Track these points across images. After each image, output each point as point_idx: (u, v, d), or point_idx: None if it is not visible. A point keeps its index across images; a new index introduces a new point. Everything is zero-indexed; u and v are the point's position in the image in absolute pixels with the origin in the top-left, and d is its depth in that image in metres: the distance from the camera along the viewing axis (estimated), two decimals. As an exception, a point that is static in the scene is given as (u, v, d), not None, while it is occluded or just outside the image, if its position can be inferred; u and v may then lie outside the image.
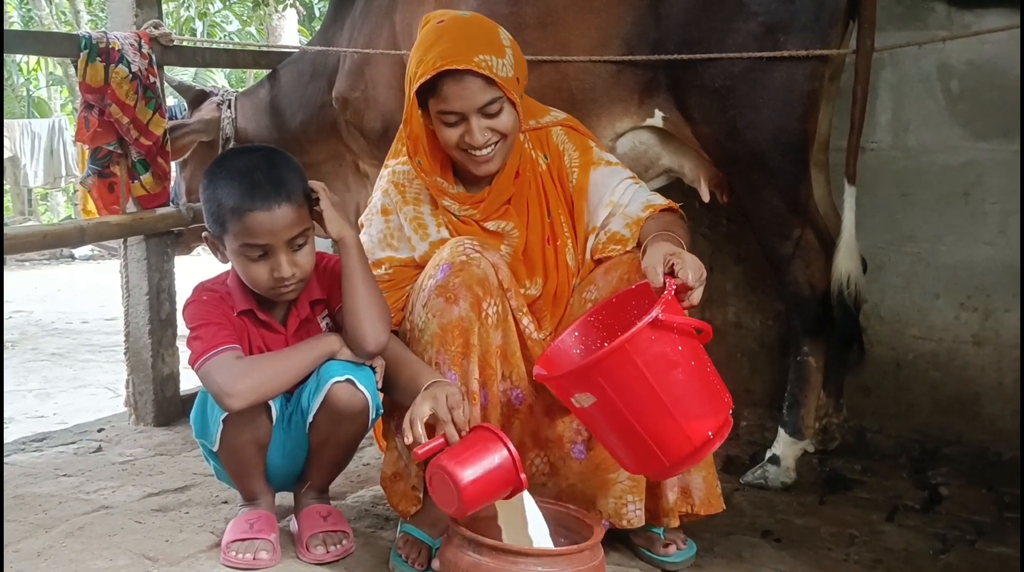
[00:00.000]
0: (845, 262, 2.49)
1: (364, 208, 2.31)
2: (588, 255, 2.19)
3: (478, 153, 2.06)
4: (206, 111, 3.53)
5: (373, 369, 2.03)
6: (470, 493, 1.74)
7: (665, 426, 1.77)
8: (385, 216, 2.20)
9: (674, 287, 1.79)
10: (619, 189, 2.18)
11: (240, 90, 3.67)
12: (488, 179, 2.16)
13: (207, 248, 2.11)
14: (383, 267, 2.17)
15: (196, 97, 3.62)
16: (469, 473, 1.74)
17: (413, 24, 2.60)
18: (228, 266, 2.15)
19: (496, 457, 1.77)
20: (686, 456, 1.79)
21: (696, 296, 1.83)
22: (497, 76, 1.99)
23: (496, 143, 2.06)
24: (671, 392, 1.75)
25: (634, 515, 2.04)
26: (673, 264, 1.82)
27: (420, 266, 2.14)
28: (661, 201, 2.17)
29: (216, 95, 3.57)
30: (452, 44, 2.00)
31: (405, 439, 1.81)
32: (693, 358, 1.79)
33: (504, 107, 2.04)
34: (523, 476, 1.78)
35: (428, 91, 2.04)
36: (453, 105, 2.01)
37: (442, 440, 1.80)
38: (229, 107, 3.48)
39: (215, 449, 2.06)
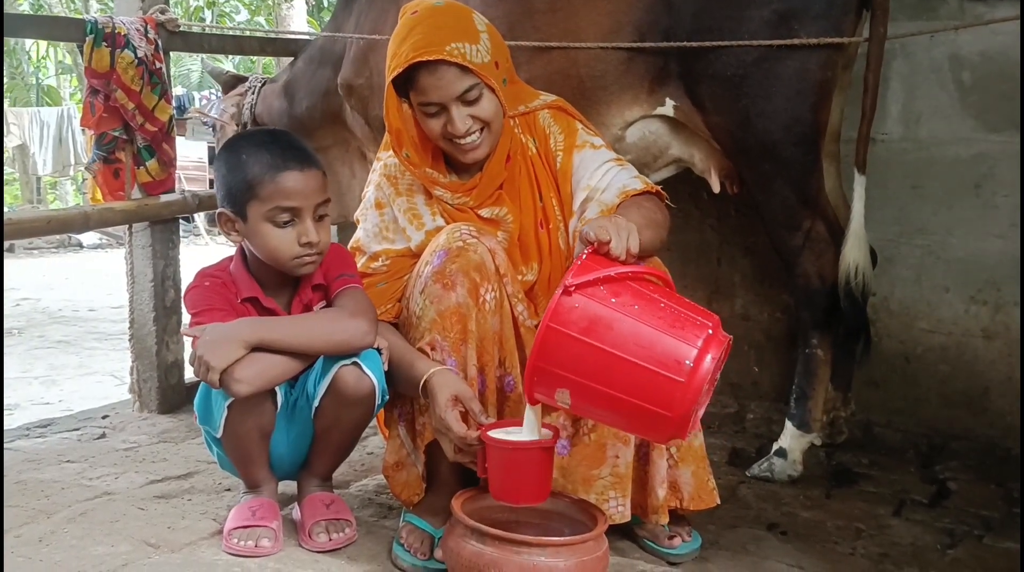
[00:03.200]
0: (853, 252, 2.47)
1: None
2: (570, 240, 2.17)
3: (463, 141, 2.04)
4: (233, 99, 3.58)
5: (379, 351, 2.02)
6: (545, 488, 1.85)
7: (642, 379, 1.64)
8: (379, 210, 2.19)
9: (586, 250, 1.73)
10: (599, 173, 2.14)
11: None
12: (479, 165, 2.14)
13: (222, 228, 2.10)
14: (380, 259, 2.16)
15: (228, 82, 3.68)
16: (537, 491, 1.84)
17: (420, 10, 2.58)
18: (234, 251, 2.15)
19: (533, 464, 1.82)
20: (681, 396, 1.64)
21: (619, 246, 1.73)
22: (471, 63, 1.97)
23: (479, 130, 2.04)
24: (625, 345, 1.64)
25: (616, 511, 2.01)
26: (585, 235, 1.76)
27: (416, 255, 2.13)
28: (638, 185, 2.11)
29: (247, 81, 3.62)
30: (423, 35, 1.98)
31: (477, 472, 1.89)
32: (636, 301, 1.68)
33: (483, 93, 2.01)
34: (547, 441, 1.83)
35: (407, 84, 2.03)
36: (431, 96, 2.00)
37: (484, 447, 1.85)
38: (253, 93, 3.50)
39: (219, 436, 2.04)
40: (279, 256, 2.02)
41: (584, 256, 1.72)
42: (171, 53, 3.29)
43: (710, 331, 1.67)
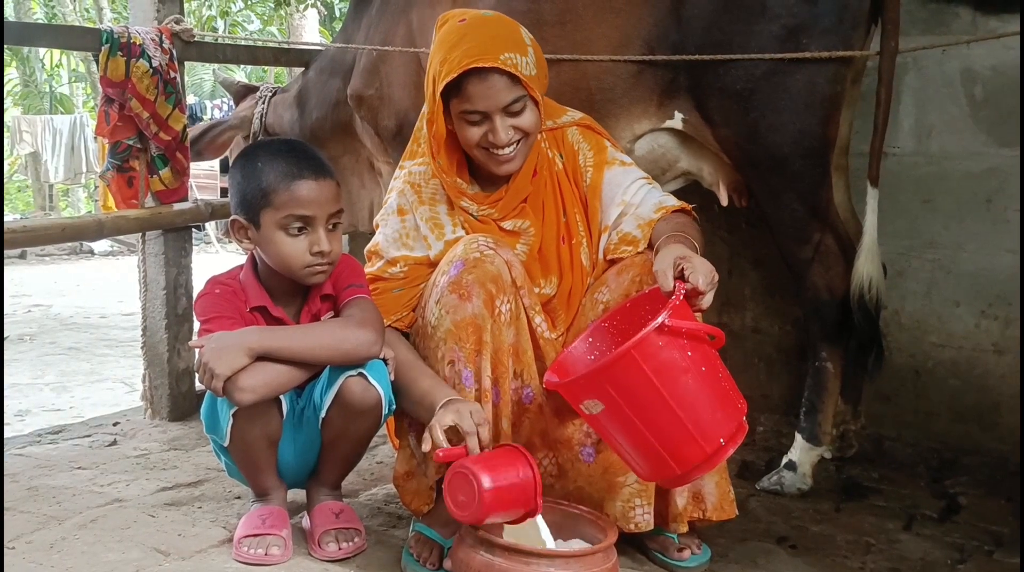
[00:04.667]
0: (866, 265, 2.46)
1: (377, 206, 2.31)
2: (600, 255, 2.18)
3: (500, 152, 2.05)
4: (244, 107, 3.58)
5: (385, 361, 2.03)
6: (488, 500, 1.74)
7: (676, 433, 1.75)
8: (401, 216, 2.19)
9: (683, 291, 1.77)
10: (632, 189, 2.17)
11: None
12: (506, 178, 2.15)
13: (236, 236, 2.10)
14: (398, 265, 2.16)
15: (239, 92, 3.69)
16: (492, 479, 1.75)
17: (429, 22, 2.58)
18: (245, 260, 2.16)
19: (520, 472, 1.79)
20: (699, 464, 1.78)
21: (707, 301, 1.81)
22: (522, 74, 1.99)
23: (518, 142, 2.06)
24: (681, 399, 1.73)
25: (642, 519, 2.03)
26: (683, 268, 1.80)
27: (434, 265, 2.13)
28: (674, 202, 2.16)
29: (258, 91, 3.62)
30: (477, 43, 1.99)
31: (424, 445, 1.84)
32: (704, 364, 1.77)
33: (527, 106, 2.04)
34: (539, 501, 1.79)
35: (451, 90, 2.03)
36: (478, 104, 2.01)
37: (463, 449, 1.83)
38: (263, 102, 3.51)
39: (225, 444, 2.05)
40: (291, 264, 2.03)
41: (681, 296, 1.75)
42: (184, 62, 3.31)
43: (744, 418, 1.80)
